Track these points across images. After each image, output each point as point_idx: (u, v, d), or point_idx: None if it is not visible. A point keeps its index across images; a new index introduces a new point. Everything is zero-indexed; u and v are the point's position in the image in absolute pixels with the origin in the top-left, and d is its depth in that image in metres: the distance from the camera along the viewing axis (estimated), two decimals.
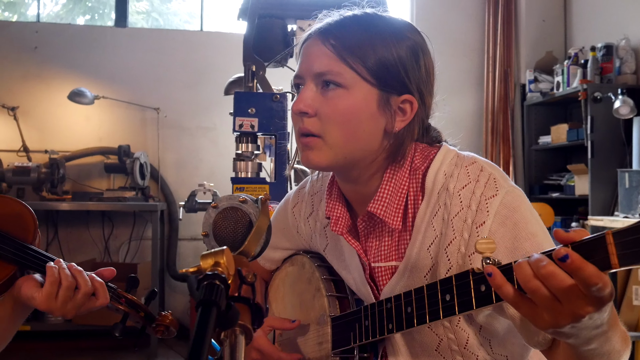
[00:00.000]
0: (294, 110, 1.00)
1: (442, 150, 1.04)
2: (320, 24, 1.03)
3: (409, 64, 1.00)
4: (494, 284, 0.75)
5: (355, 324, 1.04)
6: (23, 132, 4.54)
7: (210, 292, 0.60)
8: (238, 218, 0.84)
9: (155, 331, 1.16)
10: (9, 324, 1.09)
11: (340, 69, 0.97)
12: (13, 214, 1.13)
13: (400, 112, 1.01)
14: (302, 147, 1.02)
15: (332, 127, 0.98)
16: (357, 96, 0.98)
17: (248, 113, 2.15)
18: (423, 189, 1.02)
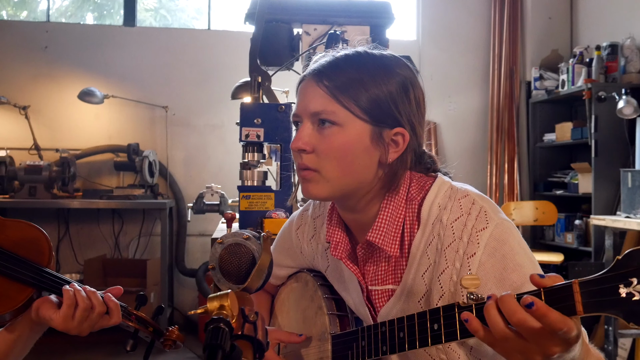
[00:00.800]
0: (293, 148, 1.06)
1: (437, 182, 1.10)
2: (314, 65, 1.09)
3: (399, 99, 1.06)
4: (471, 328, 0.81)
5: (353, 343, 1.10)
6: (34, 130, 4.62)
7: (215, 336, 0.66)
8: (242, 254, 0.90)
9: (164, 345, 1.23)
10: (26, 341, 1.17)
11: (334, 108, 1.03)
12: (29, 238, 1.19)
13: (393, 144, 1.07)
14: (302, 179, 1.08)
15: (329, 162, 1.05)
16: (351, 133, 1.04)
17: (254, 123, 2.21)
18: (419, 218, 1.08)
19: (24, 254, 1.17)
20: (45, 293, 1.15)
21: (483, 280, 0.98)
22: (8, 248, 1.16)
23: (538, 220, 4.61)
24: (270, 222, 2.14)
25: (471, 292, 0.84)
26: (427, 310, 0.93)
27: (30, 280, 1.13)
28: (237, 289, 0.91)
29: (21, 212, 4.74)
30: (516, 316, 0.76)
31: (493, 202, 1.07)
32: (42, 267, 1.16)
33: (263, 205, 2.23)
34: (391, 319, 1.01)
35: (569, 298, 0.72)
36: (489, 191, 5.07)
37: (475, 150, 5.18)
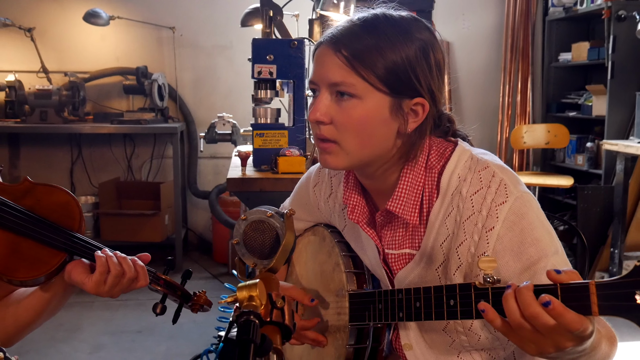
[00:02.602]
0: (311, 119, 1.06)
1: (457, 151, 1.10)
2: (331, 31, 1.07)
3: (419, 66, 1.04)
4: (487, 318, 0.84)
5: (370, 305, 1.15)
6: (41, 53, 4.56)
7: (247, 330, 0.70)
8: (265, 230, 0.93)
9: (192, 309, 1.28)
10: (59, 300, 1.22)
11: (352, 80, 1.02)
12: (60, 203, 1.22)
13: (412, 114, 1.06)
14: (320, 150, 1.09)
15: (348, 134, 1.04)
16: (370, 105, 1.03)
17: (266, 60, 2.18)
18: (438, 187, 1.09)
19: (56, 219, 1.20)
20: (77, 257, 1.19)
21: (500, 253, 1.01)
22: (40, 214, 1.19)
23: (550, 143, 4.60)
24: (284, 160, 2.16)
25: (487, 273, 0.87)
26: (444, 285, 0.96)
27: (63, 245, 1.16)
28: (261, 263, 0.94)
29: (33, 137, 4.77)
30: (529, 310, 0.79)
31: (513, 173, 1.07)
32: (73, 232, 1.20)
33: (277, 142, 2.24)
34: (408, 289, 1.05)
35: (585, 298, 0.75)
36: (501, 111, 5.03)
37: (489, 69, 5.09)
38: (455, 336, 1.12)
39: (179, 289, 1.26)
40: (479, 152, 1.12)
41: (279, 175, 2.13)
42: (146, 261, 1.21)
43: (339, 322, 1.24)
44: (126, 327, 3.46)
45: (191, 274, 1.29)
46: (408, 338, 1.18)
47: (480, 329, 1.09)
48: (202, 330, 3.38)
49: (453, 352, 1.15)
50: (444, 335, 1.13)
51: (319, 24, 2.53)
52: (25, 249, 1.15)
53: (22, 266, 1.14)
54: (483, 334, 1.09)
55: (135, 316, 3.57)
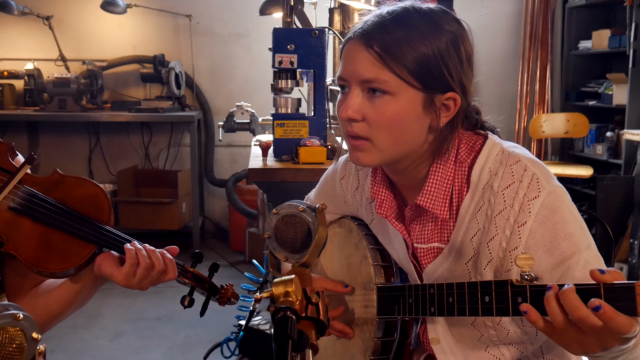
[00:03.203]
0: (342, 116, 1.05)
1: (487, 144, 1.09)
2: (361, 25, 1.06)
3: (450, 60, 1.03)
4: (530, 319, 0.84)
5: (400, 298, 1.15)
6: (59, 41, 4.58)
7: (284, 326, 0.70)
8: (297, 224, 0.93)
9: (219, 302, 1.29)
10: (89, 291, 1.23)
11: (386, 77, 1.01)
12: (89, 195, 1.22)
13: (444, 109, 1.06)
14: (352, 147, 1.08)
15: (380, 131, 1.03)
16: (403, 101, 1.02)
17: (287, 49, 2.17)
18: (468, 181, 1.08)
19: (85, 211, 1.20)
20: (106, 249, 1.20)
21: (532, 248, 1.00)
22: (70, 206, 1.20)
23: (569, 132, 4.56)
24: (305, 150, 2.16)
25: (525, 271, 0.86)
26: (479, 282, 0.96)
27: (92, 238, 1.17)
28: (292, 257, 0.94)
29: (52, 125, 4.81)
30: (578, 313, 0.78)
31: (545, 167, 1.06)
32: (103, 224, 1.20)
33: (297, 132, 2.23)
34: (440, 284, 1.04)
35: (630, 299, 0.74)
36: (519, 100, 4.99)
37: (507, 57, 5.03)
38: (483, 330, 1.12)
39: (206, 282, 1.27)
40: (510, 145, 1.11)
41: (299, 165, 2.13)
42: (174, 254, 1.22)
43: (366, 315, 1.24)
44: (145, 315, 3.49)
45: (218, 267, 1.29)
46: (436, 332, 1.18)
47: (509, 324, 1.09)
48: (220, 318, 3.40)
49: (481, 347, 1.14)
50: (472, 329, 1.13)
51: (340, 12, 2.51)
52: (56, 241, 1.16)
53: (52, 258, 1.15)
54: (512, 328, 1.09)
55: (153, 304, 3.61)
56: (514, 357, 1.15)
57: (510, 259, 1.01)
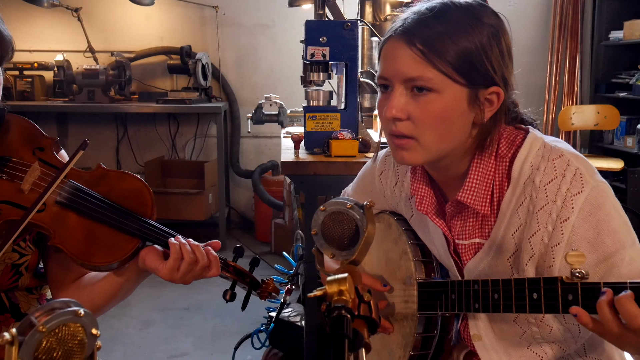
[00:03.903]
0: (387, 116, 1.04)
1: (529, 139, 1.08)
2: (401, 23, 1.05)
3: (493, 54, 1.02)
4: (581, 321, 0.83)
5: (442, 294, 1.14)
6: (87, 33, 4.62)
7: (340, 325, 0.70)
8: (345, 222, 0.93)
9: (260, 296, 1.30)
10: (132, 284, 1.25)
11: (430, 75, 1.00)
12: (133, 190, 1.23)
13: (487, 103, 1.05)
14: (396, 146, 1.07)
15: (426, 129, 1.03)
16: (448, 98, 1.01)
17: (320, 42, 2.16)
18: (509, 176, 1.07)
19: (129, 206, 1.21)
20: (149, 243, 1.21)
21: (575, 244, 0.99)
22: (114, 200, 1.21)
23: (599, 124, 4.49)
24: (337, 143, 2.15)
25: (576, 268, 0.85)
26: (526, 278, 0.95)
27: (137, 232, 1.18)
28: (339, 254, 0.94)
29: (81, 116, 4.86)
30: (637, 321, 0.77)
31: (588, 162, 1.05)
32: (147, 219, 1.21)
33: (329, 125, 2.23)
34: (485, 280, 1.04)
35: None
36: (548, 91, 4.92)
37: (535, 48, 4.97)
38: (526, 327, 1.11)
39: (247, 276, 1.27)
40: (551, 139, 1.09)
41: (332, 158, 2.13)
42: (217, 249, 1.22)
43: (406, 310, 1.24)
44: (174, 304, 3.53)
45: (259, 261, 1.30)
46: (477, 328, 1.17)
47: (552, 320, 1.08)
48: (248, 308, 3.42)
49: (523, 344, 1.14)
50: (514, 326, 1.12)
51: (371, 4, 2.49)
52: (101, 234, 1.17)
53: (98, 252, 1.16)
54: (555, 325, 1.08)
55: (182, 293, 3.65)
56: (556, 356, 1.14)
57: (553, 255, 1.01)
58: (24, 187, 1.16)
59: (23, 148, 1.22)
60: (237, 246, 1.29)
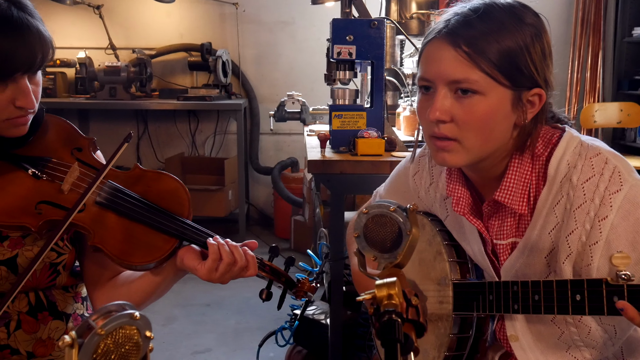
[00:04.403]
0: (430, 118, 1.03)
1: (565, 137, 1.08)
2: (444, 25, 1.05)
3: (536, 55, 1.03)
4: (627, 316, 0.83)
5: (479, 295, 1.14)
6: (109, 30, 4.65)
7: (392, 330, 0.70)
8: (387, 224, 0.93)
9: (296, 295, 1.30)
10: (169, 283, 1.26)
11: (475, 77, 1.00)
12: (170, 190, 1.24)
13: (529, 105, 1.05)
14: (437, 148, 1.07)
15: (470, 132, 1.03)
16: (493, 100, 1.01)
17: (346, 40, 2.16)
18: (545, 174, 1.07)
19: (166, 206, 1.22)
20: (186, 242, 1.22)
21: (614, 243, 0.99)
22: (151, 200, 1.22)
23: (622, 122, 4.44)
24: (363, 142, 2.15)
25: (621, 270, 0.85)
26: (569, 280, 0.95)
27: (174, 232, 1.19)
28: (381, 257, 0.94)
29: (102, 113, 4.90)
30: None
31: (626, 160, 1.04)
32: (184, 218, 1.22)
33: (355, 124, 2.23)
34: (524, 281, 1.03)
35: None
36: (569, 88, 4.88)
37: (557, 44, 4.77)
38: (564, 327, 1.10)
39: (283, 275, 1.28)
40: (588, 138, 1.09)
41: (358, 157, 2.13)
42: (253, 248, 1.23)
43: (441, 311, 1.24)
44: (195, 301, 3.56)
45: (294, 260, 1.30)
46: (514, 329, 1.17)
47: (591, 321, 1.08)
48: (269, 305, 3.42)
49: (562, 347, 1.13)
50: (552, 326, 1.12)
51: (396, 2, 2.49)
52: (139, 234, 1.18)
53: (136, 251, 1.17)
54: (593, 325, 1.08)
55: (203, 289, 3.67)
56: None
57: (590, 254, 1.00)
58: (64, 187, 1.17)
59: (62, 149, 1.24)
60: (273, 246, 1.29)
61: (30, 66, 1.08)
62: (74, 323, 1.27)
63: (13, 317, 1.18)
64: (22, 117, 1.12)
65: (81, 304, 1.31)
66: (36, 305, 1.20)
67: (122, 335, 0.68)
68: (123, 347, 0.68)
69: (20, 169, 1.17)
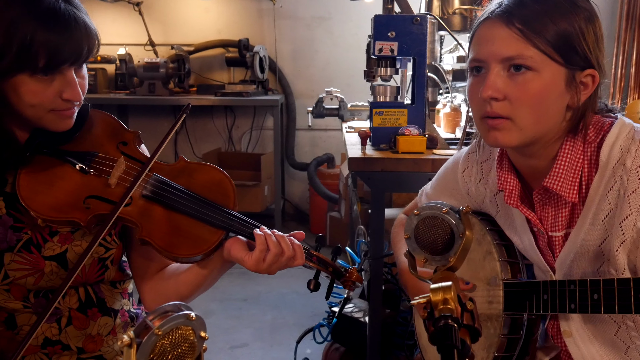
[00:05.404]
0: (483, 96, 1.03)
1: (618, 123, 1.06)
2: (497, 6, 1.05)
3: (589, 36, 1.03)
4: None
5: (532, 294, 1.12)
6: (148, 26, 4.71)
7: (449, 335, 0.69)
8: (439, 227, 0.91)
9: (344, 285, 1.29)
10: (216, 275, 1.25)
11: (530, 53, 1.00)
12: (215, 181, 1.24)
13: (582, 86, 1.05)
14: (489, 128, 1.06)
15: (523, 109, 1.02)
16: (547, 77, 1.01)
17: (388, 37, 2.14)
18: (597, 161, 1.06)
19: (212, 198, 1.22)
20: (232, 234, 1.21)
21: None
22: (197, 192, 1.22)
23: None
24: (404, 140, 2.13)
25: None
26: (632, 278, 0.92)
27: (221, 223, 1.18)
28: (432, 259, 0.93)
29: (141, 108, 4.96)
30: None
31: None
32: (229, 210, 1.22)
33: (396, 121, 2.21)
34: (582, 280, 1.01)
35: None
36: (613, 84, 4.75)
37: None
38: (620, 321, 1.08)
39: (330, 266, 1.26)
40: None
41: (399, 155, 2.11)
42: (300, 239, 1.22)
43: (490, 311, 1.22)
44: (232, 295, 3.58)
45: (341, 250, 1.29)
46: (568, 324, 1.15)
47: None
48: (305, 301, 3.45)
49: (619, 346, 1.10)
50: (608, 321, 1.09)
51: None
52: (186, 227, 1.18)
53: (183, 244, 1.17)
54: None
55: (240, 284, 3.69)
56: None
57: None
58: (111, 181, 1.18)
59: (108, 143, 1.24)
60: (320, 235, 1.29)
61: (77, 59, 1.09)
62: (122, 319, 1.29)
63: (64, 313, 1.19)
64: (68, 109, 1.13)
65: (128, 300, 1.33)
66: (86, 302, 1.22)
67: (179, 336, 0.69)
68: (179, 348, 0.69)
69: (68, 164, 1.18)
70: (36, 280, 1.15)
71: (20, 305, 1.16)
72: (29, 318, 1.17)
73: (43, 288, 1.17)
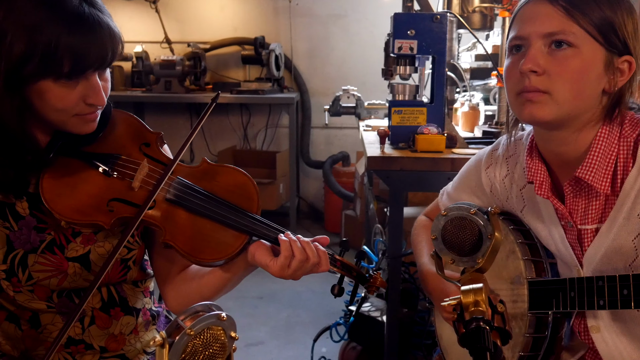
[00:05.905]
0: (523, 69, 1.04)
1: None
2: None
3: (629, 24, 1.05)
4: None
5: (558, 292, 1.10)
6: (164, 24, 4.72)
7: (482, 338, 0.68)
8: (467, 227, 0.90)
9: (368, 290, 1.28)
10: (239, 279, 1.25)
11: (572, 29, 1.02)
12: (238, 184, 1.23)
13: (619, 72, 1.06)
14: (525, 101, 1.06)
15: (562, 84, 1.03)
16: (587, 55, 1.03)
17: (407, 35, 2.13)
18: (635, 155, 1.06)
19: (235, 201, 1.21)
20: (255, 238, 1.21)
21: None
22: (220, 195, 1.21)
23: None
24: (423, 138, 2.12)
25: None
26: None
27: (244, 228, 1.17)
28: (459, 260, 0.92)
29: (157, 106, 4.99)
30: None
31: None
32: (253, 214, 1.21)
33: (415, 120, 2.20)
34: (611, 276, 1.00)
35: None
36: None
37: None
38: None
39: (354, 270, 1.25)
40: None
41: (418, 154, 2.10)
42: (324, 244, 1.21)
43: (515, 310, 1.21)
44: (248, 293, 3.59)
45: (365, 255, 1.29)
46: (595, 319, 1.14)
47: None
48: (320, 300, 3.45)
49: None
50: (637, 316, 1.07)
51: None
52: (210, 231, 1.17)
53: (206, 248, 1.16)
54: None
55: (255, 282, 3.68)
56: None
57: None
58: (135, 184, 1.17)
59: (130, 145, 1.23)
60: (343, 240, 1.28)
61: (101, 63, 1.07)
62: (143, 318, 1.29)
63: (87, 313, 1.19)
64: (92, 113, 1.12)
65: (149, 299, 1.33)
66: (109, 301, 1.21)
67: (210, 336, 0.69)
68: (211, 348, 0.68)
69: (92, 166, 1.17)
70: (60, 282, 1.15)
71: (44, 305, 1.16)
72: (52, 317, 1.17)
73: (66, 289, 1.17)
